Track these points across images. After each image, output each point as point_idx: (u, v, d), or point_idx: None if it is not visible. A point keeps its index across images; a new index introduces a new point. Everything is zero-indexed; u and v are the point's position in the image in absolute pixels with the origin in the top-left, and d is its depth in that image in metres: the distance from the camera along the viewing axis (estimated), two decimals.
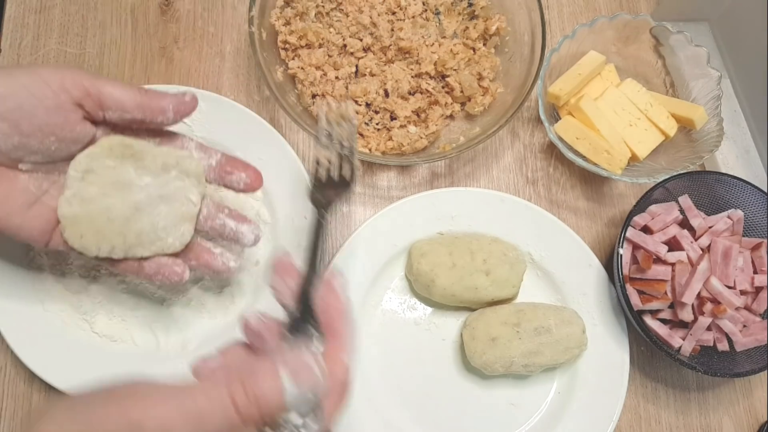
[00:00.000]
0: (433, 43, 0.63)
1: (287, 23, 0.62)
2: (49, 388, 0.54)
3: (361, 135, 0.61)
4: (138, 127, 0.46)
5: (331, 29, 0.63)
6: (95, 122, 0.45)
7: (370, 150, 0.60)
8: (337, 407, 0.38)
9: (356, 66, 0.62)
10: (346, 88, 0.61)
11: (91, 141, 0.45)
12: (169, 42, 0.66)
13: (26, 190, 0.44)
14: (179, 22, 0.67)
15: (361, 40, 0.62)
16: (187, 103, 0.46)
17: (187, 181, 0.47)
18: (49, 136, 0.42)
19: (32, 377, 0.55)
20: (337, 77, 0.61)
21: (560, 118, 0.63)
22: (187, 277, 0.47)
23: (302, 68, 0.61)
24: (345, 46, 0.62)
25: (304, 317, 0.40)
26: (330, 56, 0.62)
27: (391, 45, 0.62)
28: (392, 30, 0.62)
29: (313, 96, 0.61)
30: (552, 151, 0.67)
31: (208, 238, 0.49)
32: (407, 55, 0.62)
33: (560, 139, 0.61)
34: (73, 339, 0.54)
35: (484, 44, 0.65)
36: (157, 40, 0.66)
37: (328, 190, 0.48)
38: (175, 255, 0.47)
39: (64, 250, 0.46)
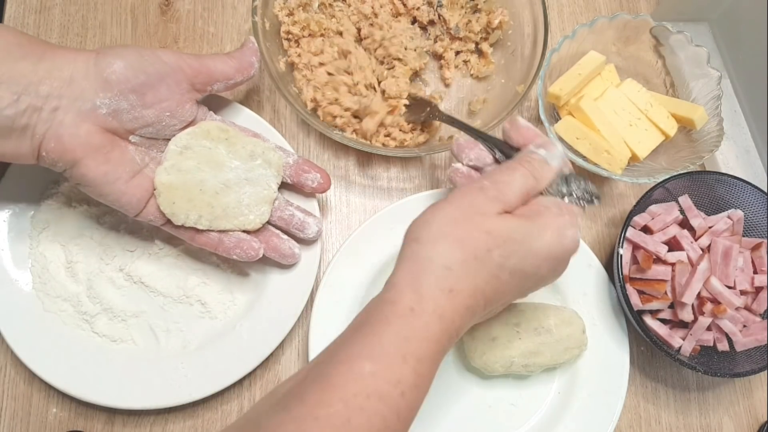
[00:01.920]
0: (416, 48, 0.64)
1: (290, 14, 0.62)
2: (49, 388, 0.55)
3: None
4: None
5: (333, 19, 0.63)
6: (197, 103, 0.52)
7: (370, 142, 0.61)
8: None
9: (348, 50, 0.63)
10: (328, 74, 0.62)
11: (191, 123, 0.52)
12: (169, 42, 0.66)
13: (133, 161, 0.49)
14: (179, 22, 0.67)
15: (359, 30, 0.63)
16: (256, 49, 0.54)
17: (268, 170, 0.53)
18: (165, 111, 0.49)
19: (32, 377, 0.55)
20: (320, 63, 0.61)
21: (560, 118, 0.63)
22: (261, 254, 0.53)
23: (299, 55, 0.62)
24: (341, 33, 0.63)
25: (509, 151, 0.49)
26: (330, 45, 0.62)
27: (380, 47, 0.63)
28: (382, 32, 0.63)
29: (308, 81, 0.61)
30: None
31: (275, 227, 0.55)
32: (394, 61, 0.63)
33: (560, 139, 0.61)
34: (74, 339, 0.53)
35: (487, 38, 0.66)
36: (157, 40, 0.66)
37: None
38: (249, 234, 0.53)
39: (153, 221, 0.51)
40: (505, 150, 0.50)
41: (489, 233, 0.40)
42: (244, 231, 0.53)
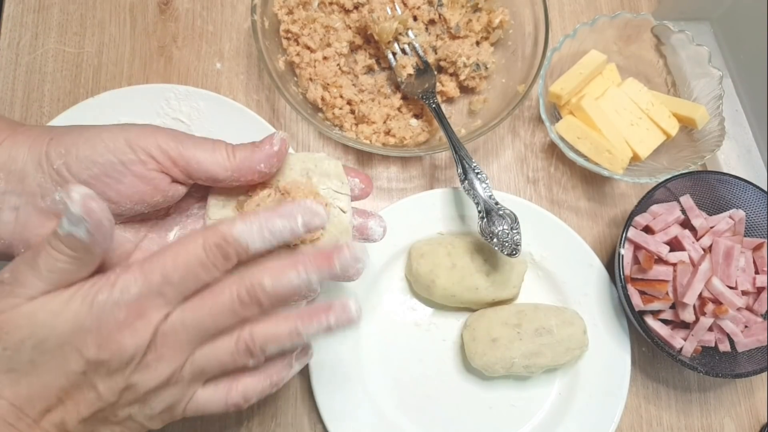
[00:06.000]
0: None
1: (290, 12, 0.62)
2: None
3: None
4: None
5: (333, 16, 0.63)
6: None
7: (370, 141, 0.60)
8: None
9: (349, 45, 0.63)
10: (338, 66, 0.62)
11: (183, 202, 0.43)
12: (167, 41, 0.66)
13: (123, 239, 0.41)
14: (178, 21, 0.67)
15: (359, 32, 0.63)
16: (280, 153, 0.41)
17: (330, 183, 0.42)
18: (139, 203, 0.40)
19: None
20: (324, 57, 0.61)
21: (561, 118, 0.63)
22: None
23: (298, 54, 0.61)
24: (336, 30, 0.63)
25: None
26: (328, 44, 0.62)
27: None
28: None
29: (310, 79, 0.61)
30: (553, 151, 0.67)
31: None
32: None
33: (561, 138, 0.61)
34: None
35: (487, 37, 0.66)
36: (156, 39, 0.66)
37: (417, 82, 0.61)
38: None
39: None
40: None
41: None
42: None
